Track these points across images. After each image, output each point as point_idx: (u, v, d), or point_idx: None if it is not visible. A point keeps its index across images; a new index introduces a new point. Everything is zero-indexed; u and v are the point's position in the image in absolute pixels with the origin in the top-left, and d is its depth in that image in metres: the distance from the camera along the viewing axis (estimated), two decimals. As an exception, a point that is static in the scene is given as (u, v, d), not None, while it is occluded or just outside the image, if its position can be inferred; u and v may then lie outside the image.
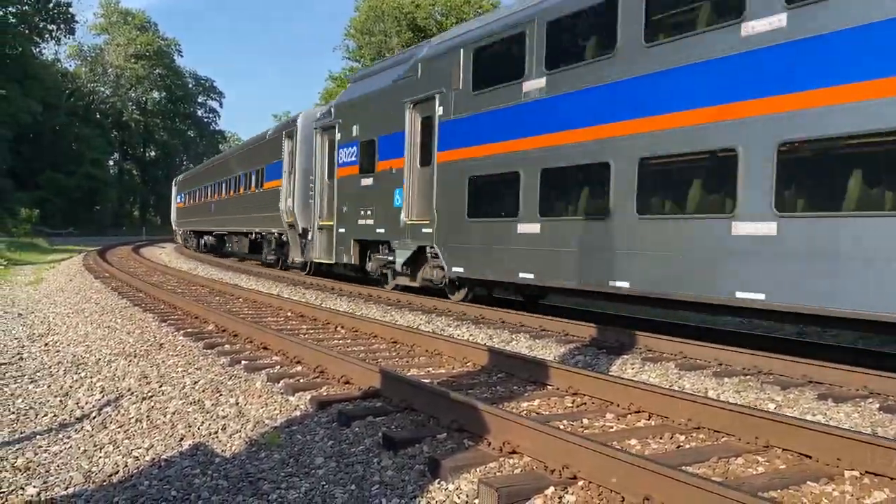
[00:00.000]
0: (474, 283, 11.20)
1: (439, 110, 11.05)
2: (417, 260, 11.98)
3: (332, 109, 15.29)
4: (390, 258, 12.63)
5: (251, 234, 22.32)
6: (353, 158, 13.88)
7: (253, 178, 22.20)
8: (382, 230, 12.68)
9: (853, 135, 6.03)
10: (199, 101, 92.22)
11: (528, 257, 9.33)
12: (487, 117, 10.09)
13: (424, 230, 11.41)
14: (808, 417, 4.99)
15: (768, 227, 6.53)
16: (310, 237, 16.25)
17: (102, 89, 78.41)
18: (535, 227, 9.21)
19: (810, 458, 3.93)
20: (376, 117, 13.03)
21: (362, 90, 14.08)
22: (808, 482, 3.61)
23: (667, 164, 7.72)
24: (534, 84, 9.25)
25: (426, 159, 11.57)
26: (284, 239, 18.83)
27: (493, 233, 9.99)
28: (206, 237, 29.81)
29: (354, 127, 13.87)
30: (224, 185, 26.58)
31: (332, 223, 14.81)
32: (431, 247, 11.27)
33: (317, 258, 15.89)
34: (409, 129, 11.86)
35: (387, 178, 12.53)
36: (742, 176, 6.74)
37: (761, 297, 6.63)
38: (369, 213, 13.19)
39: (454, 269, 10.78)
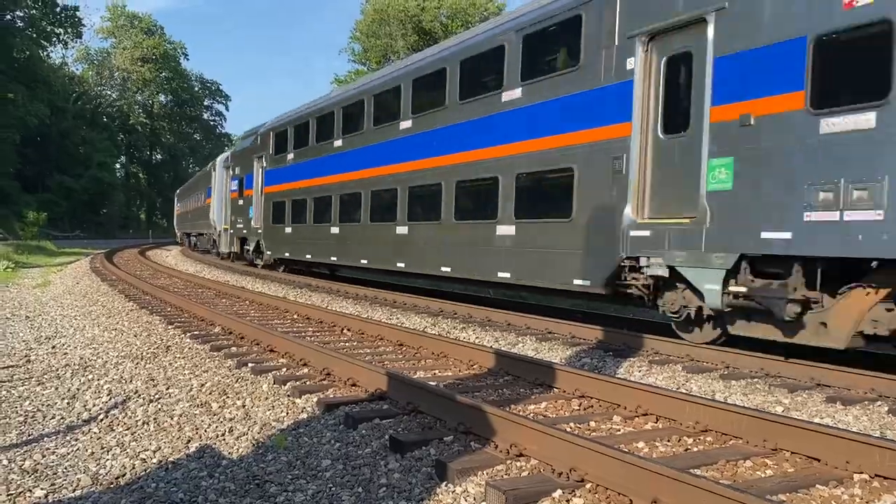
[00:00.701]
0: (281, 262, 19.25)
1: (264, 163, 19.82)
2: (260, 248, 20.16)
3: (229, 156, 25.08)
4: (248, 247, 21.54)
5: (204, 233, 31.31)
6: (236, 187, 22.82)
7: (203, 195, 31.54)
8: (245, 231, 21.66)
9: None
10: (206, 104, 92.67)
11: (290, 244, 17.75)
12: (277, 170, 18.77)
13: (259, 231, 20.16)
14: (817, 420, 4.97)
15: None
16: (221, 236, 25.55)
17: (109, 92, 78.87)
18: (289, 229, 17.80)
19: (819, 461, 3.91)
20: (245, 163, 21.91)
21: (243, 144, 23.38)
22: (817, 485, 3.60)
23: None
24: (289, 156, 17.92)
25: (262, 191, 20.03)
26: (215, 237, 27.32)
27: (279, 232, 18.42)
28: (191, 237, 38.41)
29: (237, 168, 23.02)
30: (194, 199, 36.58)
31: (227, 227, 24.20)
32: (261, 240, 19.85)
33: (223, 249, 25.03)
34: (255, 173, 20.69)
35: (248, 200, 21.33)
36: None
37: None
38: (241, 220, 22.12)
39: (268, 252, 19.47)
